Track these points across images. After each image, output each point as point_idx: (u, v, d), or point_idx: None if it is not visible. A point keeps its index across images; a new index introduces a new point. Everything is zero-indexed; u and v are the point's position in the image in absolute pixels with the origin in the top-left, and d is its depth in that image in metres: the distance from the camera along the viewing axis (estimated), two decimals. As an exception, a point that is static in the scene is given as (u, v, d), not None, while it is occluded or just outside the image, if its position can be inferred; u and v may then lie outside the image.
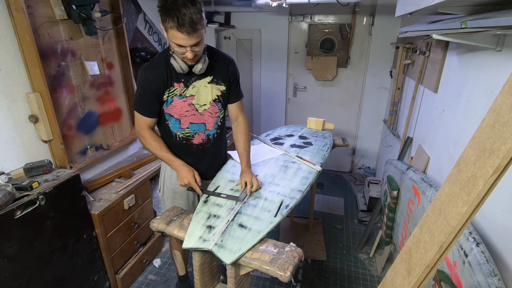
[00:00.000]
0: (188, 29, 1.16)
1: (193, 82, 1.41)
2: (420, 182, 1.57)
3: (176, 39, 1.20)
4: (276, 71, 3.71)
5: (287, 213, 1.29)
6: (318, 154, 1.84)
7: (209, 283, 1.33)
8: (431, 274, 0.76)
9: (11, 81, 1.54)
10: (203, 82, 1.43)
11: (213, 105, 1.48)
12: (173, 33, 1.19)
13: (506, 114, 0.61)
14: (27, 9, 1.50)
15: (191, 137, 1.52)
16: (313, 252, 2.39)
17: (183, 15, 1.13)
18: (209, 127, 1.52)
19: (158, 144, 1.45)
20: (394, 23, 3.11)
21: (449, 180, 0.75)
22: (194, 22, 1.15)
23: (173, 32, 1.18)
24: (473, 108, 1.35)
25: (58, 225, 1.55)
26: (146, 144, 1.47)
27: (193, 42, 1.21)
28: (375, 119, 3.58)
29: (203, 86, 1.44)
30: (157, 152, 1.46)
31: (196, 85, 1.42)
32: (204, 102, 1.46)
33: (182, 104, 1.42)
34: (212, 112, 1.50)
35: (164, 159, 1.47)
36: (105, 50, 2.12)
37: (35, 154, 1.70)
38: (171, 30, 1.18)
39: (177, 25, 1.15)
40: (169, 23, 1.16)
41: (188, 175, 1.39)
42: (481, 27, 0.90)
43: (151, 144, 1.45)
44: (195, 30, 1.18)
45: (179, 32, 1.17)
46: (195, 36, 1.20)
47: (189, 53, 1.24)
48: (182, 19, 1.13)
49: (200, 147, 1.55)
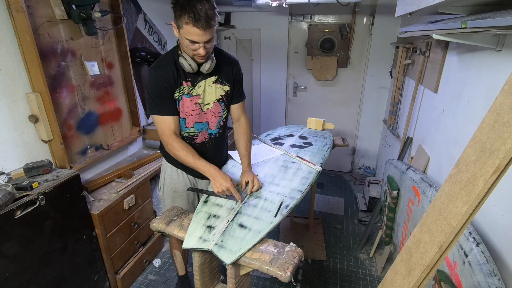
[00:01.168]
0: (203, 24, 1.17)
1: (200, 81, 1.42)
2: (420, 182, 1.57)
3: (191, 35, 1.20)
4: (276, 71, 3.71)
5: (287, 213, 1.29)
6: (318, 154, 1.84)
7: (209, 283, 1.33)
8: (431, 274, 0.76)
9: (11, 81, 1.54)
10: (208, 82, 1.44)
11: (217, 104, 1.49)
12: (188, 29, 1.19)
13: (506, 114, 0.61)
14: (27, 9, 1.50)
15: (195, 136, 1.52)
16: (313, 252, 2.39)
17: (199, 10, 1.14)
18: (211, 126, 1.53)
19: (189, 151, 1.39)
20: (394, 23, 3.11)
21: (449, 180, 0.75)
22: (209, 17, 1.16)
23: (188, 28, 1.18)
24: (473, 108, 1.35)
25: (58, 225, 1.55)
26: (176, 152, 1.40)
27: (207, 38, 1.22)
28: (375, 119, 3.58)
29: (208, 85, 1.44)
30: (189, 160, 1.39)
31: (202, 85, 1.43)
32: (208, 101, 1.47)
33: (189, 103, 1.42)
34: (215, 111, 1.50)
35: (197, 166, 1.39)
36: (105, 50, 2.12)
37: (35, 154, 1.70)
38: (186, 26, 1.18)
39: (193, 20, 1.15)
40: (185, 19, 1.17)
41: (226, 182, 1.34)
42: (481, 27, 0.90)
43: (181, 152, 1.38)
44: (210, 26, 1.19)
45: (195, 27, 1.17)
46: (209, 32, 1.21)
47: (202, 49, 1.25)
48: (199, 14, 1.14)
49: (202, 145, 1.55)
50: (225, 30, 3.66)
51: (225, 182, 1.34)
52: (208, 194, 1.42)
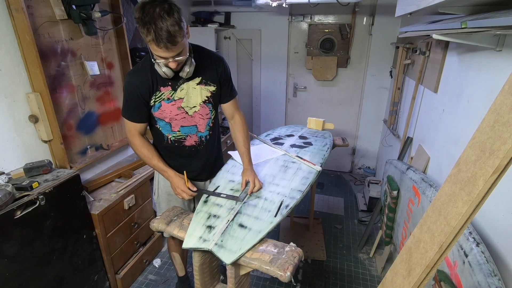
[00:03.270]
0: (166, 44, 1.11)
1: (181, 84, 1.38)
2: (420, 182, 1.57)
3: (156, 51, 1.16)
4: (276, 71, 3.71)
5: (287, 213, 1.29)
6: (318, 154, 1.84)
7: (209, 283, 1.33)
8: (431, 274, 0.76)
9: (11, 81, 1.54)
10: (191, 84, 1.39)
11: (203, 106, 1.45)
12: (152, 46, 1.15)
13: (506, 114, 0.61)
14: (27, 9, 1.50)
15: (183, 139, 1.50)
16: (313, 252, 2.39)
17: (159, 29, 1.07)
18: (200, 129, 1.50)
19: (149, 152, 1.43)
20: (394, 23, 3.11)
21: (449, 180, 0.75)
22: (172, 35, 1.09)
23: (152, 45, 1.14)
24: (473, 108, 1.35)
25: (58, 225, 1.55)
26: (137, 152, 1.45)
27: (173, 54, 1.17)
28: (375, 119, 3.58)
29: (192, 87, 1.40)
30: (148, 161, 1.44)
31: (184, 87, 1.38)
32: (194, 104, 1.43)
33: (171, 108, 1.39)
34: (203, 113, 1.47)
35: (156, 168, 1.46)
36: (105, 50, 2.11)
37: (35, 154, 1.70)
38: (150, 44, 1.14)
39: (154, 40, 1.10)
40: (147, 37, 1.11)
41: (179, 184, 1.40)
42: (481, 27, 0.90)
43: (142, 152, 1.43)
44: (174, 43, 1.12)
45: (157, 46, 1.13)
46: (174, 49, 1.15)
47: (172, 63, 1.21)
48: (159, 34, 1.08)
49: (193, 148, 1.53)
50: (225, 30, 3.66)
51: (179, 185, 1.40)
52: (208, 194, 1.42)
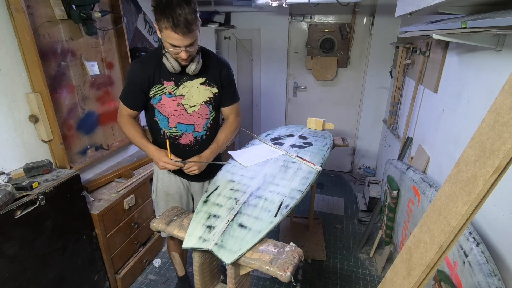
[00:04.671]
0: (183, 30, 1.15)
1: (184, 82, 1.41)
2: (420, 182, 1.57)
3: (171, 39, 1.20)
4: (276, 71, 3.71)
5: (287, 213, 1.29)
6: (318, 154, 1.84)
7: (209, 283, 1.33)
8: (431, 274, 0.76)
9: (11, 81, 1.54)
10: (194, 83, 1.42)
11: (204, 106, 1.47)
12: (167, 33, 1.18)
13: (506, 114, 0.61)
14: (27, 9, 1.50)
15: (178, 137, 1.51)
16: (313, 252, 2.39)
17: (178, 15, 1.12)
18: (198, 128, 1.51)
19: (134, 130, 1.46)
20: (394, 23, 3.11)
21: (449, 180, 0.75)
22: (189, 22, 1.14)
23: (167, 32, 1.18)
24: (473, 108, 1.35)
25: (58, 225, 1.55)
26: (124, 130, 1.48)
27: (187, 43, 1.21)
28: (375, 119, 3.58)
29: (195, 87, 1.43)
30: (133, 138, 1.46)
31: (187, 85, 1.41)
32: (195, 103, 1.45)
33: (170, 102, 1.42)
34: (202, 113, 1.48)
35: (139, 144, 1.47)
36: (105, 50, 2.11)
37: (35, 154, 1.70)
38: (165, 30, 1.18)
39: (172, 26, 1.14)
40: (164, 23, 1.16)
41: (160, 157, 1.38)
42: (481, 27, 0.90)
43: (129, 131, 1.46)
44: (190, 30, 1.17)
45: (173, 32, 1.16)
46: (189, 36, 1.19)
47: (183, 53, 1.24)
48: (177, 19, 1.13)
49: (187, 147, 1.53)
50: (225, 30, 3.65)
51: (160, 158, 1.38)
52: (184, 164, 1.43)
